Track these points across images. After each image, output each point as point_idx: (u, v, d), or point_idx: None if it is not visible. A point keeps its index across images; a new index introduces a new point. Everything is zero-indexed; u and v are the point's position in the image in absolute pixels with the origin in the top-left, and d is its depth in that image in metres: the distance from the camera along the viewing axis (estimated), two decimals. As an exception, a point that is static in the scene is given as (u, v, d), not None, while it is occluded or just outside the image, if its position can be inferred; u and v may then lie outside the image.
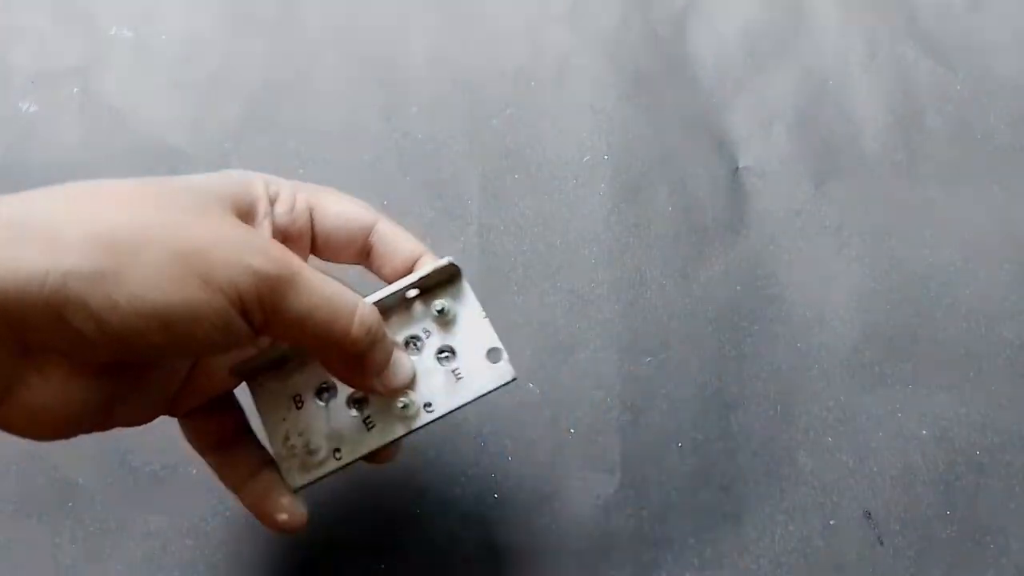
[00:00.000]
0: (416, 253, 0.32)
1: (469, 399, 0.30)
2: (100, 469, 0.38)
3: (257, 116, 0.46)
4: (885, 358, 0.42)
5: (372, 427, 0.30)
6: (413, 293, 0.31)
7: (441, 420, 0.30)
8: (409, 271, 0.31)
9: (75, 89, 0.46)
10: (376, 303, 0.29)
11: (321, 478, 0.30)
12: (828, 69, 0.48)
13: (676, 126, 0.46)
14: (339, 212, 0.31)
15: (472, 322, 0.31)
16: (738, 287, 0.43)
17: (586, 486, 0.39)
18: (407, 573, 0.38)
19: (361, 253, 0.32)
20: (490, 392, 0.31)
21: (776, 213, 0.45)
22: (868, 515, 0.39)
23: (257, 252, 0.25)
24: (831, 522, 0.39)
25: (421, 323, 0.31)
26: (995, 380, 0.41)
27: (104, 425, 0.27)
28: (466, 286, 0.32)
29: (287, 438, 0.30)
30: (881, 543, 0.39)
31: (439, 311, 0.31)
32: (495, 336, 0.31)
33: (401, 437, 0.30)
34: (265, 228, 0.29)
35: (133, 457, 0.39)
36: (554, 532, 0.38)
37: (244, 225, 0.26)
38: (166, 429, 0.39)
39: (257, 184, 0.29)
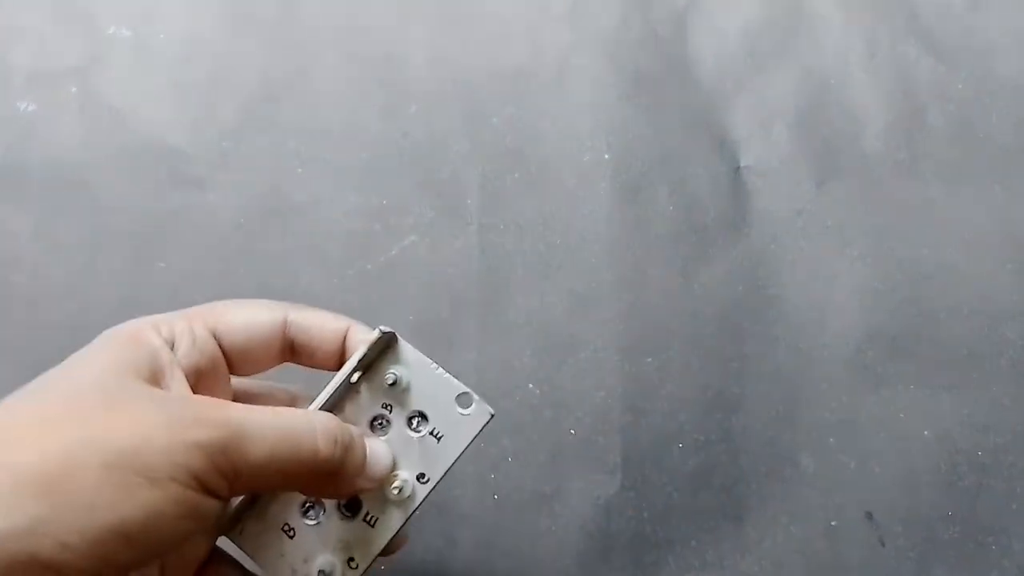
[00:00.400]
0: (341, 330, 0.30)
1: (458, 454, 0.29)
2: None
3: (257, 116, 0.46)
4: (887, 359, 0.42)
5: (375, 522, 0.29)
6: (357, 376, 0.30)
7: (441, 483, 0.30)
8: (340, 351, 0.30)
9: (74, 89, 0.46)
10: (324, 406, 0.28)
11: None
12: (829, 68, 0.48)
13: (677, 125, 0.46)
14: (245, 323, 0.29)
15: (428, 378, 0.30)
16: (739, 287, 0.43)
17: (587, 487, 0.39)
18: (407, 574, 0.37)
19: (282, 352, 0.30)
20: (476, 437, 0.30)
21: (777, 213, 0.45)
22: (870, 516, 0.39)
23: (191, 423, 0.23)
24: (833, 523, 0.39)
25: (377, 401, 0.30)
26: (997, 381, 0.41)
27: None
28: (406, 346, 0.30)
29: (294, 571, 0.28)
30: (883, 544, 0.38)
31: (391, 384, 0.29)
32: (457, 382, 0.30)
33: (407, 520, 0.29)
34: (178, 380, 0.26)
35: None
36: (554, 533, 0.38)
37: (160, 395, 0.24)
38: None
39: (150, 336, 0.26)
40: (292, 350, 0.30)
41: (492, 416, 0.30)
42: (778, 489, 0.39)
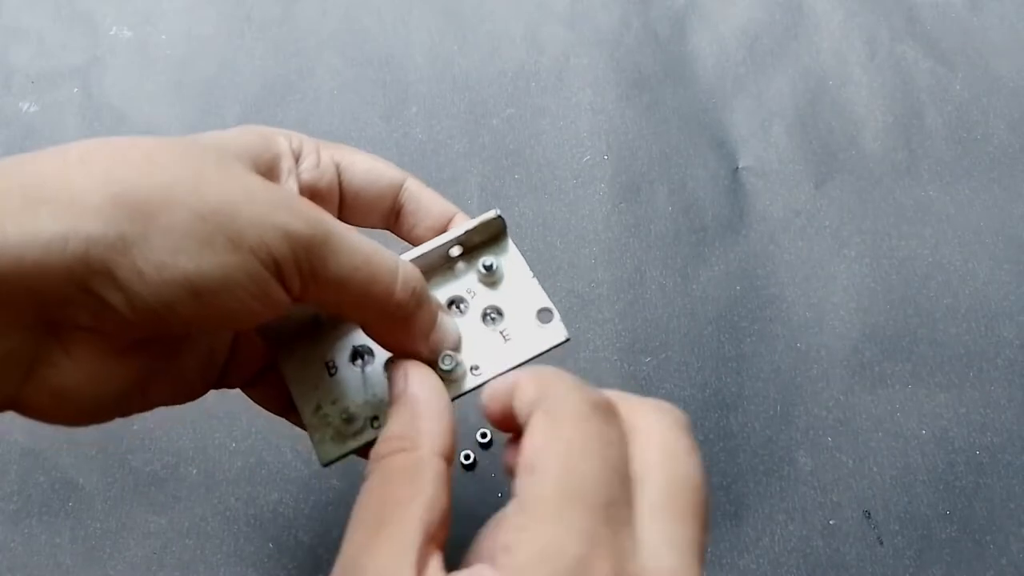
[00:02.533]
0: (448, 213, 0.29)
1: (520, 361, 0.28)
2: (100, 469, 0.38)
3: (257, 116, 0.46)
4: (885, 358, 0.42)
5: None
6: (456, 251, 0.29)
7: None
8: (443, 231, 0.29)
9: (75, 89, 0.46)
10: (416, 260, 0.27)
11: (356, 450, 0.27)
12: (828, 69, 0.48)
13: (676, 126, 0.46)
14: (368, 168, 0.29)
15: (519, 281, 0.29)
16: (738, 287, 0.43)
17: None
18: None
19: (390, 214, 0.30)
20: (542, 354, 0.28)
21: (776, 213, 0.45)
22: (868, 515, 0.39)
23: (288, 211, 0.22)
24: (831, 522, 0.39)
25: (465, 283, 0.29)
26: (994, 380, 0.41)
27: (139, 406, 0.25)
28: (511, 244, 0.29)
29: (319, 407, 0.28)
30: (881, 543, 0.39)
31: (486, 268, 0.29)
32: (545, 296, 0.29)
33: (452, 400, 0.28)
34: (291, 186, 0.26)
35: (133, 457, 0.39)
36: (554, 532, 0.38)
37: (269, 183, 0.24)
38: (166, 429, 0.39)
39: (279, 139, 0.27)
40: (398, 216, 0.30)
41: (567, 339, 0.28)
42: (776, 488, 0.39)
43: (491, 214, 0.28)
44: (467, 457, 0.39)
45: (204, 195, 0.21)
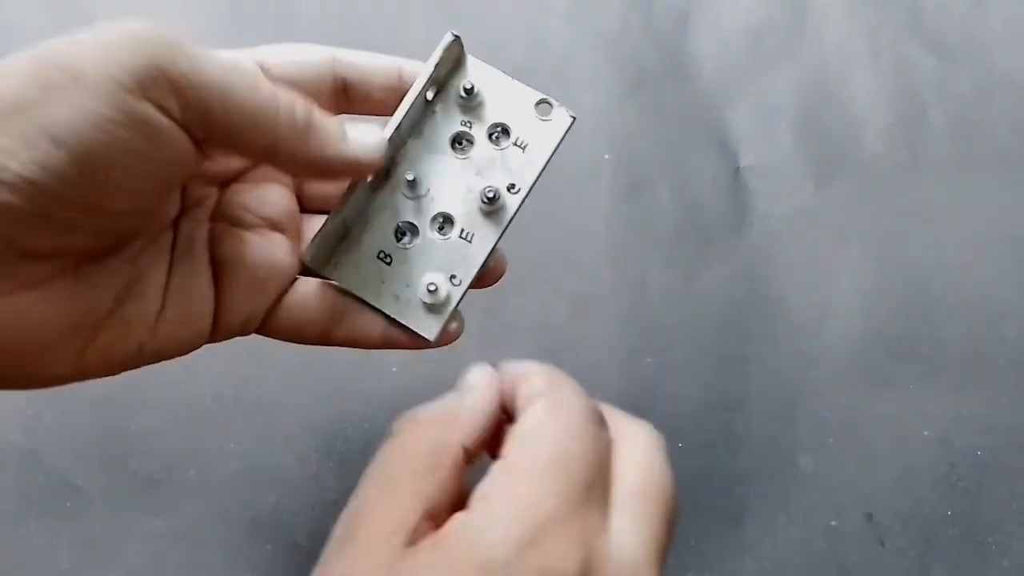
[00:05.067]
0: (393, 66, 0.28)
1: (545, 160, 0.29)
2: (99, 471, 0.38)
3: (256, 116, 0.46)
4: (887, 359, 0.42)
5: (472, 238, 0.28)
6: (431, 94, 0.29)
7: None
8: (399, 87, 0.28)
9: (73, 88, 0.46)
10: (401, 128, 0.27)
11: (453, 313, 0.28)
12: (830, 68, 0.48)
13: (677, 125, 0.46)
14: (292, 56, 0.27)
15: (502, 90, 0.29)
16: (740, 287, 0.43)
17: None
18: (407, 575, 0.37)
19: (334, 95, 0.28)
20: (560, 143, 0.29)
21: (778, 213, 0.45)
22: (870, 516, 0.39)
23: (126, 30, 0.21)
24: (833, 524, 0.39)
25: (455, 118, 0.29)
26: (997, 381, 0.41)
27: (130, 360, 0.24)
28: (474, 60, 0.29)
29: (397, 297, 0.28)
30: (883, 544, 0.38)
31: (467, 92, 0.28)
32: (533, 90, 0.29)
33: (503, 232, 0.29)
34: None
35: (132, 459, 0.39)
36: (555, 533, 0.38)
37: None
38: (165, 431, 0.39)
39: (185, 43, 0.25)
40: (347, 95, 0.28)
41: (574, 119, 0.29)
42: (778, 489, 0.39)
43: (448, 37, 0.28)
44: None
45: (39, 49, 0.20)
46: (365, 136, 0.26)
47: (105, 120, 0.20)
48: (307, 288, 0.28)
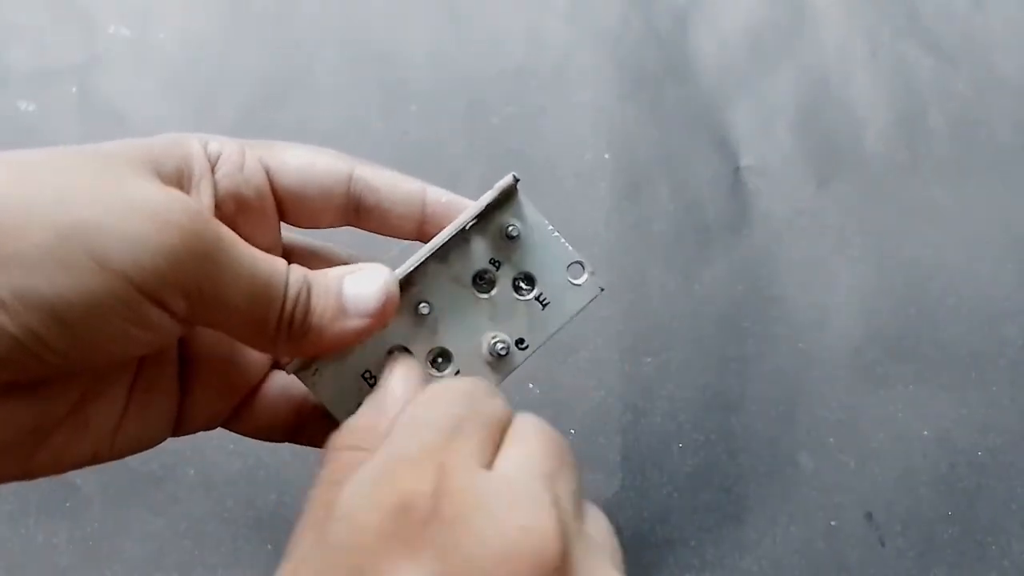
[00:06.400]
0: (416, 193, 0.26)
1: (562, 324, 0.28)
2: (98, 470, 0.38)
3: (256, 115, 0.46)
4: (887, 359, 0.42)
5: None
6: (470, 225, 0.27)
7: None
8: (419, 215, 0.26)
9: (73, 88, 0.46)
10: (435, 253, 0.26)
11: None
12: (830, 68, 0.48)
13: (677, 125, 0.46)
14: (301, 164, 0.25)
15: (542, 240, 0.27)
16: (739, 287, 0.43)
17: (586, 486, 0.39)
18: None
19: (345, 209, 0.26)
20: (582, 311, 0.28)
21: (778, 212, 0.45)
22: (870, 516, 0.39)
23: (165, 221, 0.19)
24: (833, 523, 0.39)
25: (486, 255, 0.27)
26: (997, 381, 0.41)
27: (47, 458, 0.22)
28: (526, 202, 0.27)
29: None
30: (883, 544, 0.38)
31: (510, 235, 0.27)
32: (572, 250, 0.28)
33: (500, 383, 0.27)
34: (204, 194, 0.23)
35: (131, 458, 0.38)
36: (554, 533, 0.38)
37: (162, 189, 0.21)
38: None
39: (191, 142, 0.24)
40: (358, 211, 0.26)
41: (602, 291, 0.28)
42: (778, 489, 0.39)
43: (509, 179, 0.27)
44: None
45: (68, 209, 0.19)
46: (365, 297, 0.24)
47: (114, 313, 0.19)
48: (274, 392, 0.27)
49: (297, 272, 0.23)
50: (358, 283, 0.24)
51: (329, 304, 0.23)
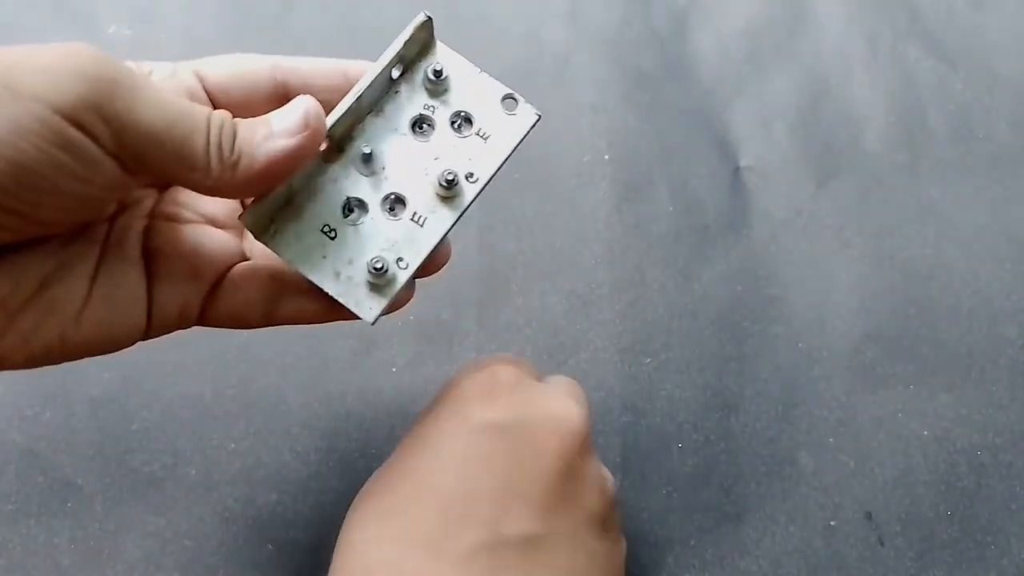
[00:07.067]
0: (338, 67, 0.28)
1: (507, 154, 0.29)
2: (99, 469, 0.38)
3: (256, 115, 0.46)
4: (886, 358, 0.42)
5: (424, 222, 0.28)
6: (397, 73, 0.28)
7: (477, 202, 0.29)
8: (344, 85, 0.27)
9: (74, 88, 0.46)
10: (364, 94, 0.27)
11: (395, 296, 0.27)
12: (830, 68, 0.48)
13: (677, 125, 0.46)
14: (228, 63, 0.27)
15: (470, 81, 0.29)
16: (739, 287, 0.43)
17: (586, 487, 0.39)
18: None
19: (276, 100, 0.27)
20: (522, 140, 0.29)
21: (777, 213, 0.45)
22: (869, 516, 0.39)
23: (76, 55, 0.21)
24: (832, 523, 0.39)
25: (419, 100, 0.29)
26: (996, 380, 0.41)
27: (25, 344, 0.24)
28: (444, 47, 0.29)
29: (338, 273, 0.27)
30: (882, 544, 0.38)
31: (435, 75, 0.28)
32: (501, 84, 0.29)
33: (456, 220, 0.28)
34: None
35: (132, 457, 0.39)
36: (554, 533, 0.38)
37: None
38: (165, 430, 0.39)
39: (116, 60, 0.24)
40: (288, 97, 0.27)
41: (539, 117, 0.29)
42: (777, 489, 0.39)
43: (421, 17, 0.28)
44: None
45: None
46: (288, 119, 0.25)
47: (37, 136, 0.20)
48: (242, 272, 0.28)
49: (220, 111, 0.24)
50: (282, 111, 0.25)
51: (257, 130, 0.24)
